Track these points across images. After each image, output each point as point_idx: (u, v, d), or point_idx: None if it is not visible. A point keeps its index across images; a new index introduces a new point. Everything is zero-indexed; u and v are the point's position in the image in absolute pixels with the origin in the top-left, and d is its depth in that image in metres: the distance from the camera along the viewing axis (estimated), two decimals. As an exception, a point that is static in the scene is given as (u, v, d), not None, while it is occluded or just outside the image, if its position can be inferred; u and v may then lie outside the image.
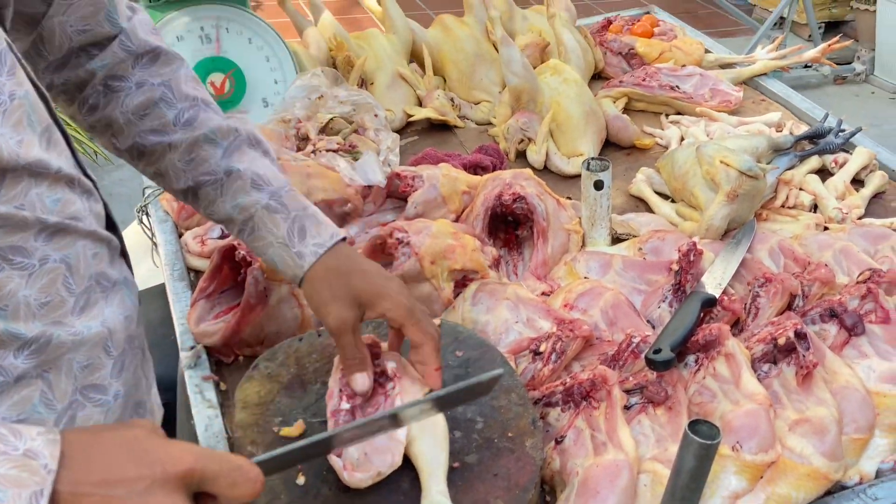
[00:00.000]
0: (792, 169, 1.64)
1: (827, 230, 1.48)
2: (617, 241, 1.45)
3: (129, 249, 0.94)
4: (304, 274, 0.99)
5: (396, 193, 1.49)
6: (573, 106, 1.77)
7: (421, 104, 1.97)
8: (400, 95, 1.95)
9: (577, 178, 1.57)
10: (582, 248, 1.43)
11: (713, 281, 1.25)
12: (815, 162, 1.68)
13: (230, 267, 1.25)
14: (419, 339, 0.97)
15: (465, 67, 2.01)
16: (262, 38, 1.81)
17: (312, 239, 1.00)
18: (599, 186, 1.39)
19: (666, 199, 1.61)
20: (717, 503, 0.97)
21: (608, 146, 1.85)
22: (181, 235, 1.48)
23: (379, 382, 0.99)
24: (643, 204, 1.63)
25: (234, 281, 1.26)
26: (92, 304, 0.83)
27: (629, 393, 1.07)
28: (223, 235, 1.42)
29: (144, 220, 1.56)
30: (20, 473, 0.59)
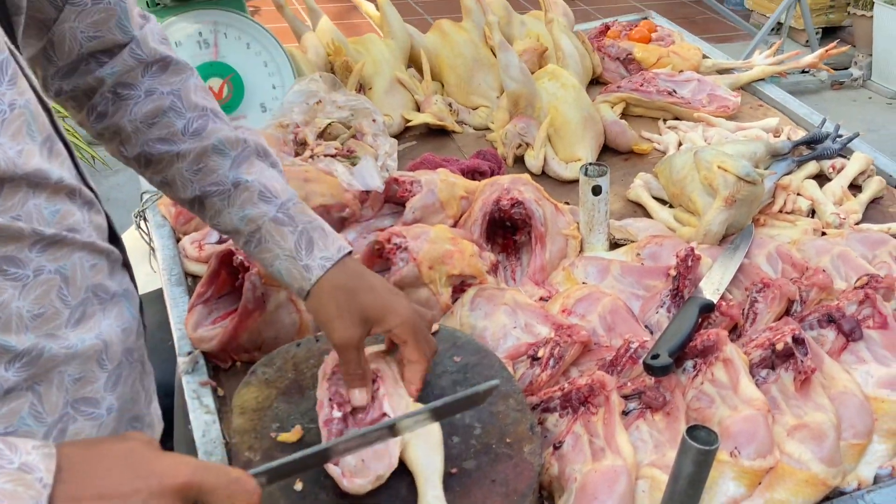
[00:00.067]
0: (790, 174, 1.64)
1: (825, 235, 1.48)
2: (615, 246, 1.45)
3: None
4: (310, 287, 0.99)
5: (394, 198, 1.49)
6: (571, 111, 1.77)
7: (419, 109, 1.97)
8: (398, 100, 1.95)
9: (575, 183, 1.57)
10: (580, 253, 1.43)
11: (711, 286, 1.25)
12: (812, 167, 1.68)
13: (228, 272, 1.25)
14: (415, 358, 1.00)
15: (463, 73, 2.01)
16: (260, 43, 1.80)
17: (320, 252, 0.99)
18: (597, 192, 1.39)
19: (664, 204, 1.61)
20: (715, 509, 0.97)
21: (606, 151, 1.84)
22: (179, 240, 1.48)
23: None
24: (641, 209, 1.63)
25: (231, 286, 1.25)
26: (88, 316, 0.82)
27: (627, 398, 1.07)
28: (221, 240, 1.41)
29: (142, 224, 1.56)
30: (15, 487, 0.58)
